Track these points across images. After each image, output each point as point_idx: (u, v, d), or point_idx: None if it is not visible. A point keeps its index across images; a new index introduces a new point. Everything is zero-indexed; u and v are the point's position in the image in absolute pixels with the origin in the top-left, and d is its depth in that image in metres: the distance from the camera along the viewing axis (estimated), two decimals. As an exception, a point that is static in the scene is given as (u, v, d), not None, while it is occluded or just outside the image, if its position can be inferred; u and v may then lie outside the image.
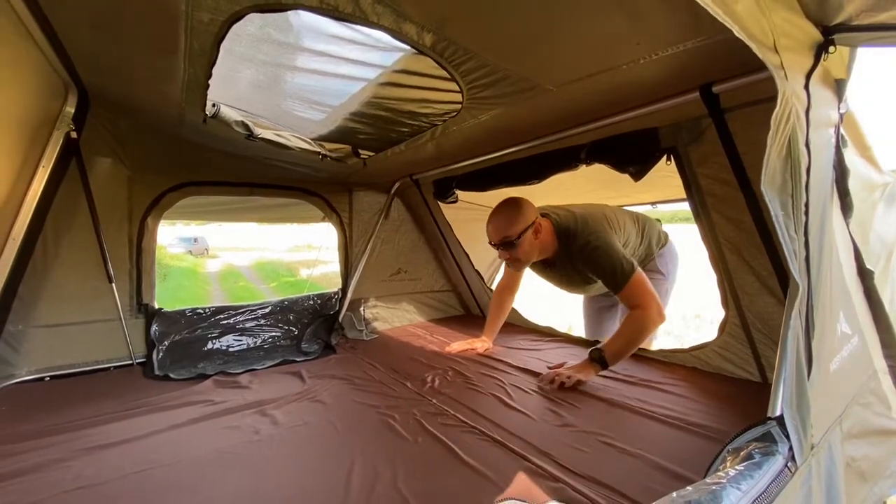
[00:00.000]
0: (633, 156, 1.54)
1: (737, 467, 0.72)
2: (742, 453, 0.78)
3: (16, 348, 1.84)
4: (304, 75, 1.36)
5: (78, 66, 1.52)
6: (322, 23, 1.03)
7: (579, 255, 1.78)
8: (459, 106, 1.43)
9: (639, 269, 1.70)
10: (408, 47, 1.10)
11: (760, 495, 0.67)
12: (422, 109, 1.55)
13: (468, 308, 3.30)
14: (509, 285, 2.36)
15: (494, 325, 2.38)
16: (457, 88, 1.30)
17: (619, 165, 1.58)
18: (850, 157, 1.18)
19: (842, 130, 1.09)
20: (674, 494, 0.65)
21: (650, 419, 1.44)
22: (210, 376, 1.93)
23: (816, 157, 0.88)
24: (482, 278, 3.00)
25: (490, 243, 1.83)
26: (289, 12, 0.99)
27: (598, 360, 1.70)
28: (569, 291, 2.18)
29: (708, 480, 0.68)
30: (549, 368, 1.83)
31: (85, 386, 1.83)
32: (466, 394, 1.70)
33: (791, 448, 0.76)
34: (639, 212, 2.19)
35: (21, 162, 1.62)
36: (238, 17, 1.02)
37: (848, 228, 1.17)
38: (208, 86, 1.39)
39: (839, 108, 1.01)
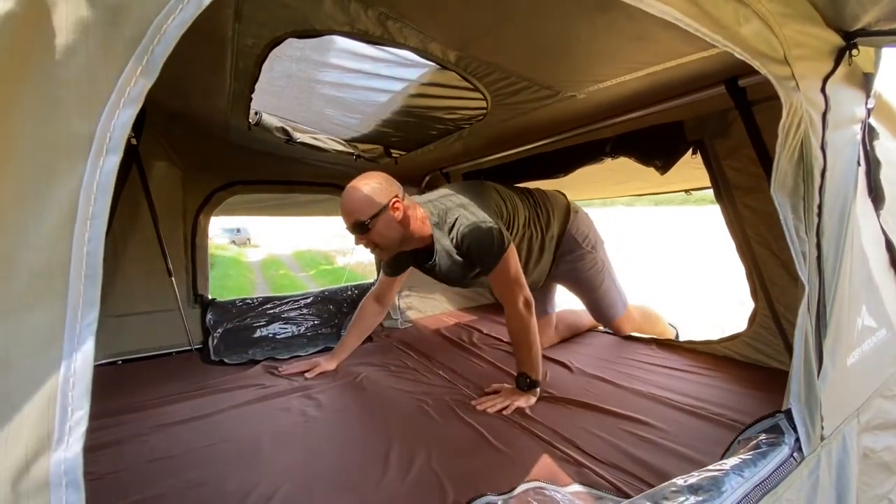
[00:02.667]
0: (658, 149, 1.55)
1: (742, 456, 0.77)
2: (752, 443, 0.83)
3: (92, 336, 2.07)
4: (338, 88, 1.45)
5: (136, 80, 1.67)
6: (353, 44, 1.11)
7: (452, 233, 1.58)
8: (485, 111, 1.49)
9: (512, 246, 1.57)
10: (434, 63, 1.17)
11: (762, 482, 0.72)
12: (448, 115, 1.61)
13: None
14: (380, 296, 2.01)
15: (348, 342, 2.04)
16: (481, 97, 1.36)
17: (645, 159, 1.59)
18: (885, 145, 1.16)
19: (872, 122, 1.07)
20: (677, 480, 0.71)
21: (677, 409, 1.46)
22: (259, 362, 2.10)
23: (835, 157, 0.89)
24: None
25: (350, 229, 1.56)
26: (324, 37, 1.08)
27: (530, 385, 1.57)
28: (459, 287, 1.94)
29: (712, 467, 0.74)
30: (486, 392, 1.65)
31: (152, 369, 2.04)
32: (496, 381, 1.79)
33: (798, 439, 0.81)
34: (534, 188, 2.01)
35: (91, 169, 1.81)
36: (278, 41, 1.12)
37: (879, 220, 1.16)
38: (251, 99, 1.51)
39: (867, 103, 1.01)
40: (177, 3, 0.27)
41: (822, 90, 0.86)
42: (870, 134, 1.06)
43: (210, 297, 2.45)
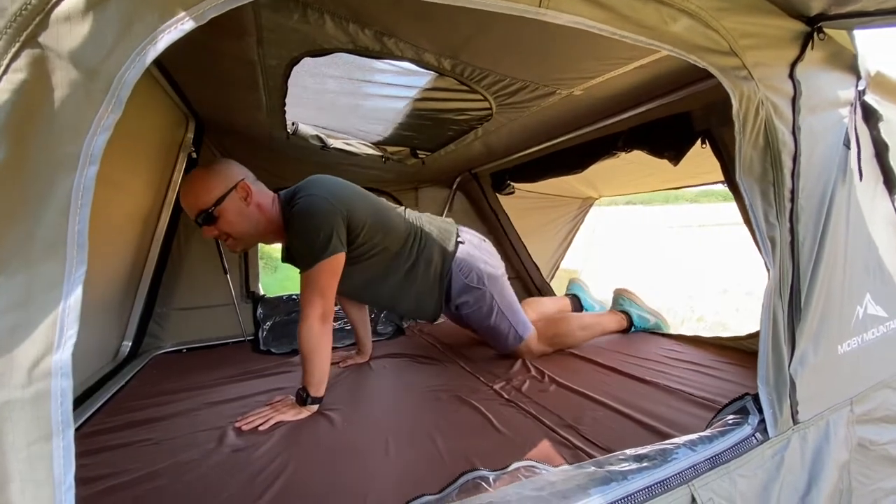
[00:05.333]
0: (667, 141, 1.54)
1: (703, 433, 0.81)
2: (720, 423, 0.86)
3: (162, 326, 2.38)
4: (355, 98, 1.60)
5: (193, 102, 1.93)
6: (361, 59, 1.24)
7: (290, 222, 1.45)
8: (490, 112, 1.57)
9: (335, 258, 1.42)
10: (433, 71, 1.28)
11: (713, 457, 0.75)
12: (459, 117, 1.71)
13: (531, 294, 3.39)
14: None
15: (360, 337, 2.04)
16: (483, 98, 1.45)
17: (656, 151, 1.59)
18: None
19: (874, 103, 1.04)
20: (628, 451, 0.77)
21: (692, 402, 1.44)
22: (302, 352, 2.31)
23: (813, 141, 0.89)
24: (538, 269, 3.09)
25: (197, 218, 1.40)
26: (333, 54, 1.22)
27: (310, 401, 1.48)
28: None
29: (666, 441, 0.78)
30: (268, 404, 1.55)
31: (210, 356, 2.30)
32: (511, 372, 1.85)
33: (763, 421, 0.82)
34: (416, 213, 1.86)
35: (159, 179, 2.10)
36: (296, 60, 1.28)
37: (893, 204, 1.11)
38: (285, 112, 1.70)
39: (857, 84, 0.98)
40: (129, 64, 0.41)
41: (791, 76, 0.86)
42: (872, 116, 1.03)
43: (261, 292, 2.71)
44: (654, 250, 11.80)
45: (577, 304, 2.56)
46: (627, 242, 13.41)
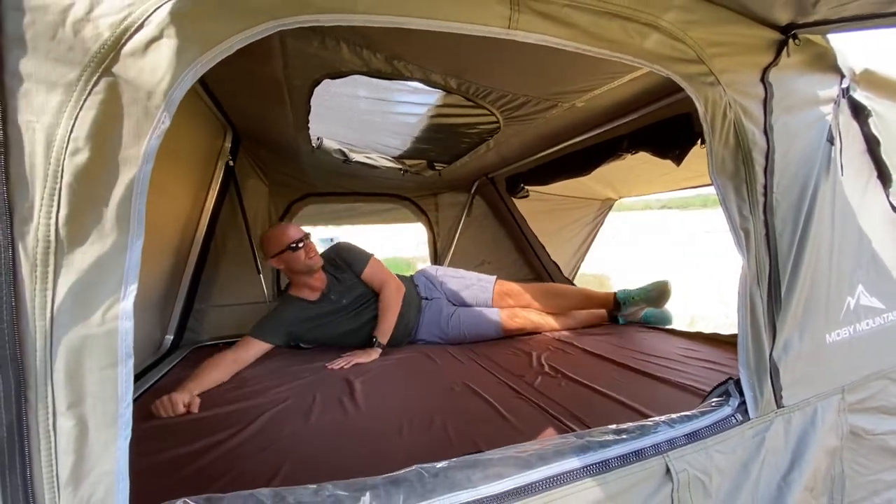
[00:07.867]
0: (669, 142, 1.58)
1: (684, 413, 0.86)
2: (704, 404, 0.91)
3: (200, 321, 2.56)
4: (373, 115, 1.74)
5: (230, 114, 2.11)
6: (376, 80, 1.37)
7: (336, 255, 2.24)
8: (498, 124, 1.67)
9: (376, 258, 2.24)
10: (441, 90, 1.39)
11: (691, 433, 0.81)
12: (470, 130, 1.82)
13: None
14: (238, 358, 2.04)
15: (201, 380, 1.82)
16: (490, 113, 1.54)
17: (659, 152, 1.63)
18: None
19: (864, 100, 1.07)
20: (610, 426, 0.83)
21: (698, 396, 1.49)
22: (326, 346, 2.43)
23: (790, 139, 0.94)
24: (559, 268, 3.13)
25: (293, 244, 2.04)
26: (350, 76, 1.35)
27: (374, 343, 2.11)
28: (352, 332, 2.26)
29: (647, 420, 0.84)
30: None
31: (243, 351, 2.46)
32: (526, 369, 1.91)
33: (743, 403, 0.87)
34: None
35: (200, 185, 2.29)
36: (317, 81, 1.42)
37: (888, 199, 1.13)
38: (309, 127, 1.85)
39: (841, 83, 1.02)
40: (176, 86, 0.54)
41: (763, 80, 0.92)
42: (861, 112, 1.06)
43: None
44: (689, 255, 11.46)
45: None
46: (662, 248, 13.08)
